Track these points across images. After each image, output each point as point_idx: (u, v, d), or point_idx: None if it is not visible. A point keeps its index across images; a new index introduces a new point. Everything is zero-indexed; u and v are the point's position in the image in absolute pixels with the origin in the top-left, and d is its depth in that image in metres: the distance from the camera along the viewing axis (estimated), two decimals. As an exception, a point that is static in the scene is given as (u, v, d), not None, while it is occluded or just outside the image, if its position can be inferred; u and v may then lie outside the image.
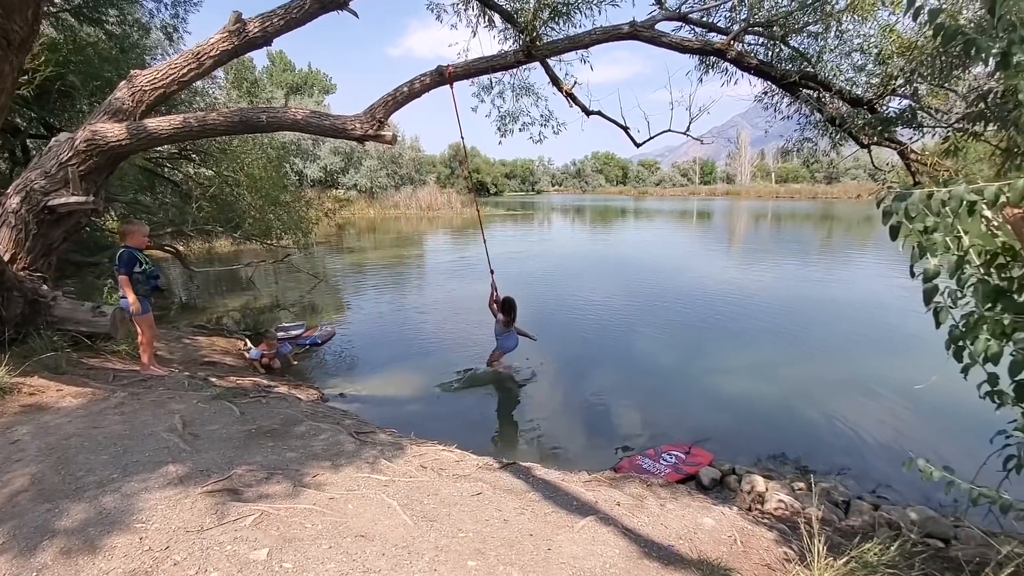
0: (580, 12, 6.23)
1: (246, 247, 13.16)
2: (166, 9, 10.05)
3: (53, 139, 5.68)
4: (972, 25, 2.03)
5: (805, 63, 6.29)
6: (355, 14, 5.88)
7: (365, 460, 3.21)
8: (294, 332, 8.12)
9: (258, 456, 3.06)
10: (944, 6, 2.04)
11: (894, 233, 1.98)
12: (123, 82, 5.60)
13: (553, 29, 6.45)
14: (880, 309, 10.08)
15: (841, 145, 6.83)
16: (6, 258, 5.03)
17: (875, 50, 5.73)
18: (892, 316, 9.45)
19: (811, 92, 6.45)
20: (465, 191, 49.60)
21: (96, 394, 3.93)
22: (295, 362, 7.12)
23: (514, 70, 7.51)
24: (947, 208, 1.85)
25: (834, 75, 6.13)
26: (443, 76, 5.86)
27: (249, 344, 7.21)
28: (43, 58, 7.30)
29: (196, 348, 6.71)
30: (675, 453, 4.66)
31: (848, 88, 6.16)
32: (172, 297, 11.10)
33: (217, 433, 3.36)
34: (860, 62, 6.12)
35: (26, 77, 6.80)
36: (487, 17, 7.29)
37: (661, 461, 4.52)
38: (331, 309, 10.58)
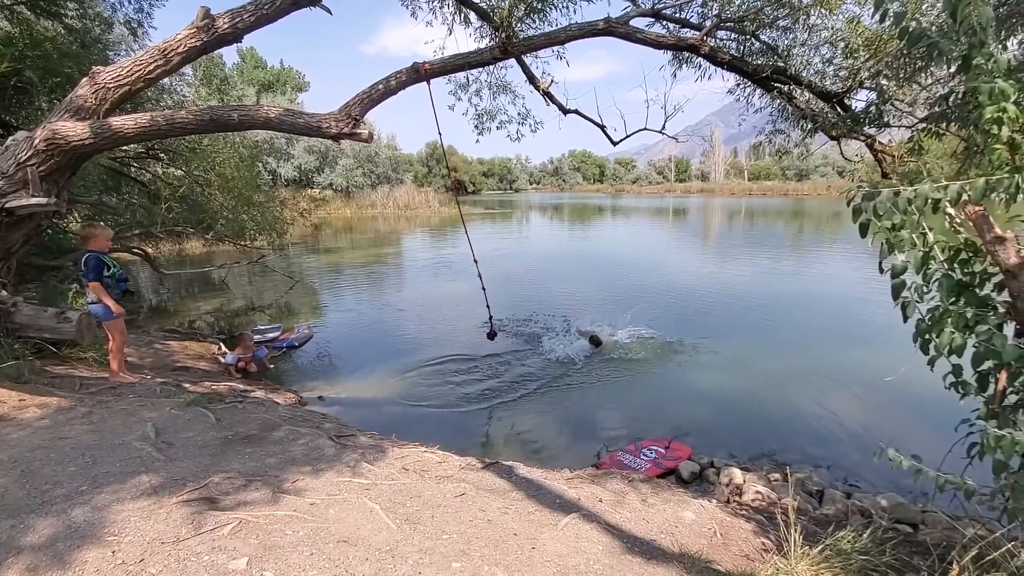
0: (555, 9, 6.26)
1: (219, 248, 12.86)
2: (129, 3, 9.71)
3: (10, 138, 5.45)
4: (935, 28, 2.10)
5: (776, 57, 6.42)
6: (328, 10, 5.78)
7: (346, 464, 3.17)
8: (270, 335, 7.96)
9: (236, 463, 3.00)
10: (907, 7, 2.10)
11: (864, 230, 2.04)
12: (85, 79, 5.40)
13: (529, 26, 6.46)
14: (850, 303, 10.37)
15: (811, 139, 6.99)
16: (-38, 263, 4.82)
17: (842, 43, 5.88)
18: (861, 310, 9.73)
19: (782, 86, 6.59)
20: (443, 189, 49.33)
21: (62, 403, 3.80)
22: (271, 366, 6.99)
23: (491, 68, 7.50)
24: (913, 206, 1.91)
25: (804, 68, 6.27)
26: (419, 73, 5.80)
27: (224, 348, 7.05)
28: (-5, 52, 7.00)
29: (168, 353, 6.54)
30: (655, 448, 4.72)
31: (818, 82, 6.32)
32: (141, 301, 10.79)
33: (192, 440, 3.28)
34: (828, 55, 6.28)
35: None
36: (462, 14, 7.25)
37: (641, 456, 4.58)
38: (308, 311, 10.42)
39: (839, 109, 5.93)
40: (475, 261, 6.28)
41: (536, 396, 6.07)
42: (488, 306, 6.22)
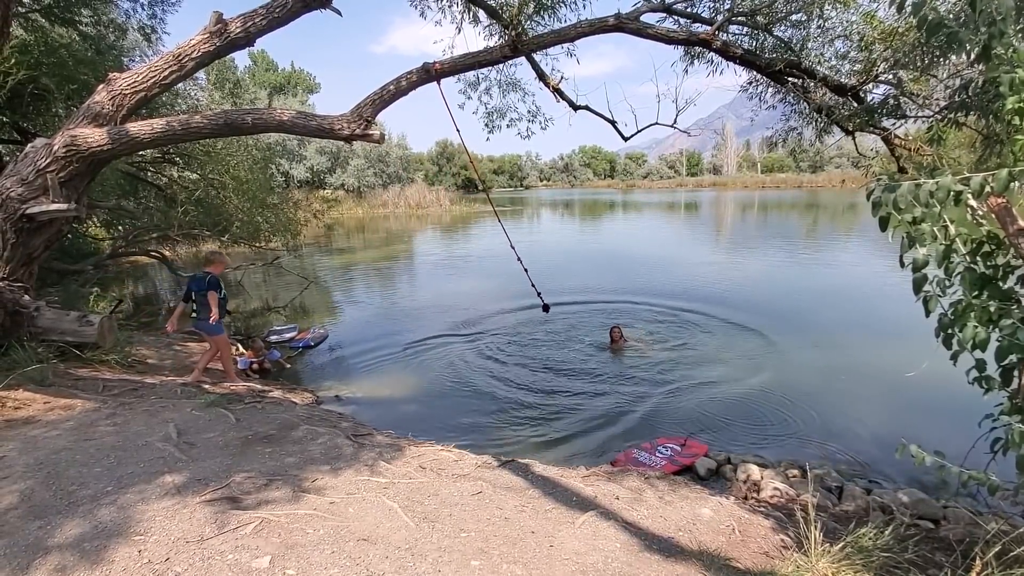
0: (565, 6, 6.24)
1: (234, 250, 13.02)
2: (143, 9, 9.84)
3: (29, 145, 5.56)
4: (953, 17, 2.06)
5: (789, 52, 6.34)
6: (338, 12, 5.82)
7: (364, 463, 3.20)
8: (287, 335, 8.05)
9: (256, 463, 3.05)
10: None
11: (883, 224, 2.01)
12: (101, 85, 5.49)
13: (539, 23, 6.44)
14: (868, 296, 10.22)
15: (826, 134, 6.89)
16: (-16, 268, 4.94)
17: (857, 37, 5.79)
18: (880, 304, 9.59)
19: (796, 81, 6.50)
20: (454, 187, 49.37)
21: (86, 405, 3.88)
22: (288, 365, 7.07)
23: (501, 66, 7.49)
24: (934, 199, 1.88)
25: (818, 63, 6.18)
26: (429, 73, 5.81)
27: (241, 349, 7.14)
28: (13, 61, 7.13)
29: (188, 355, 6.64)
30: (670, 445, 4.70)
31: (832, 76, 6.22)
32: (160, 303, 10.96)
33: (213, 441, 3.34)
34: (843, 49, 6.18)
35: (-4, 81, 6.66)
36: (472, 13, 7.26)
37: (657, 454, 4.56)
38: (322, 310, 10.51)
39: (854, 102, 5.84)
40: (512, 247, 6.44)
41: (550, 394, 6.07)
42: (533, 284, 6.53)
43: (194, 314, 5.74)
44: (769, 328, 8.34)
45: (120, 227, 10.40)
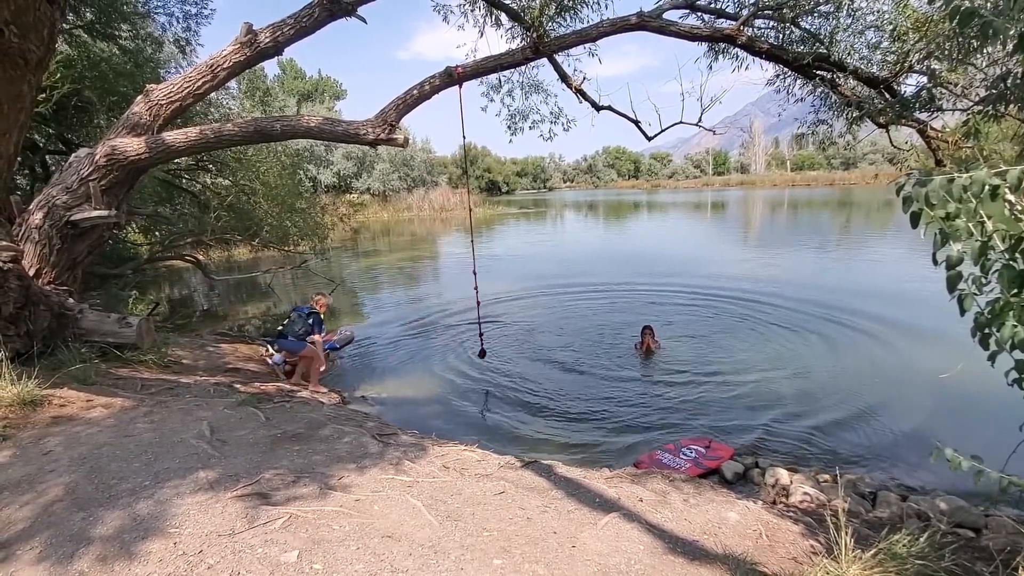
0: (587, 6, 6.21)
1: (264, 254, 13.37)
2: (178, 23, 10.22)
3: (73, 155, 5.83)
4: (989, 5, 1.99)
5: (818, 44, 6.19)
6: (363, 20, 5.93)
7: (389, 462, 3.25)
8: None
9: (284, 460, 3.12)
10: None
11: (915, 220, 1.95)
12: (140, 96, 5.72)
13: (560, 24, 6.44)
14: (900, 296, 9.89)
15: (858, 127, 6.69)
16: (31, 273, 5.18)
17: (889, 27, 5.61)
18: (914, 303, 9.26)
19: (825, 73, 6.34)
20: (478, 190, 49.66)
21: (125, 404, 4.04)
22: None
23: (523, 68, 7.52)
24: (969, 193, 1.81)
25: (848, 55, 6.02)
26: (452, 77, 5.88)
27: (271, 350, 7.33)
28: (59, 75, 7.48)
29: (220, 355, 6.84)
30: (695, 447, 4.63)
31: (863, 67, 6.04)
32: (194, 306, 11.32)
33: (244, 438, 3.43)
34: (874, 40, 6.00)
35: (44, 95, 6.98)
36: (494, 16, 7.30)
37: (681, 456, 4.51)
38: (349, 312, 10.69)
39: (887, 95, 5.67)
40: (474, 272, 6.57)
41: (573, 395, 6.06)
42: (481, 334, 6.82)
43: (280, 327, 6.48)
44: (799, 327, 8.16)
45: (157, 232, 10.79)
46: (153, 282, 13.28)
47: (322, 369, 6.41)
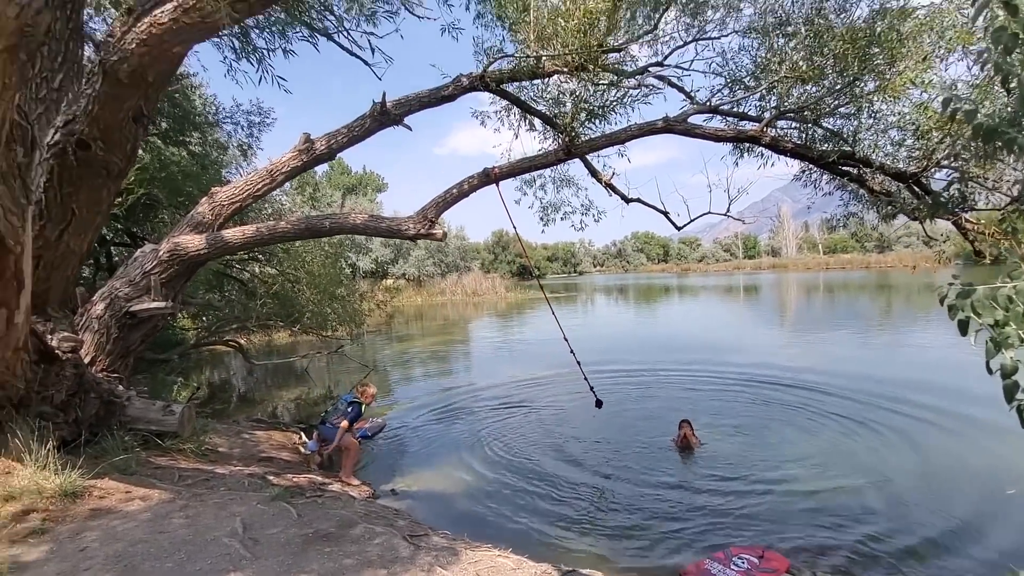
0: (615, 112, 6.65)
1: (302, 338, 13.75)
2: (242, 130, 11.36)
3: (139, 251, 6.32)
4: (1009, 111, 2.06)
5: (842, 142, 6.39)
6: (409, 128, 6.49)
7: (420, 568, 3.12)
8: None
9: (315, 563, 3.04)
10: (975, 98, 2.09)
11: (963, 328, 1.91)
12: (205, 198, 6.27)
13: (591, 128, 6.87)
14: (958, 387, 9.30)
15: (891, 218, 6.71)
16: (87, 360, 5.45)
17: (912, 127, 5.78)
18: (972, 398, 8.68)
19: (852, 169, 6.48)
20: (509, 275, 50.66)
21: (162, 496, 4.06)
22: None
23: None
24: (1017, 301, 1.79)
25: (873, 151, 6.17)
26: (489, 177, 6.27)
27: (304, 438, 7.33)
28: (133, 178, 8.28)
29: (255, 443, 6.87)
30: (747, 557, 4.28)
31: (890, 163, 6.16)
32: (232, 391, 11.54)
33: (276, 537, 3.37)
34: (898, 138, 6.17)
35: (120, 198, 7.70)
36: (528, 121, 7.86)
37: (732, 566, 4.16)
38: (381, 397, 10.68)
39: (917, 188, 5.73)
40: (565, 338, 6.54)
41: (612, 493, 5.77)
42: (586, 378, 6.58)
43: (323, 414, 6.54)
44: (856, 418, 7.70)
45: (204, 318, 11.31)
46: (196, 365, 13.69)
47: (356, 462, 6.31)
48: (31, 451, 4.02)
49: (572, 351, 6.48)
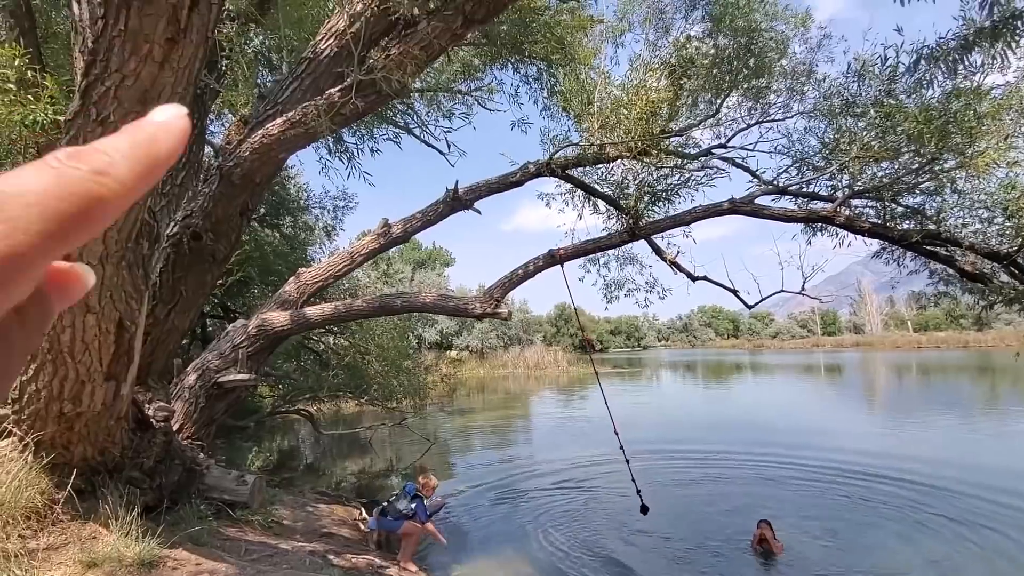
0: (679, 195, 6.74)
1: (368, 408, 14.06)
2: (328, 213, 12.43)
3: (231, 326, 6.87)
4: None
5: (925, 220, 6.09)
6: (479, 212, 6.86)
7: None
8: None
9: (373, 657, 2.96)
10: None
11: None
12: (292, 278, 6.81)
13: (655, 211, 6.97)
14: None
15: (990, 308, 6.19)
16: (175, 428, 5.83)
17: (1001, 206, 5.43)
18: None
19: (939, 249, 6.11)
20: (571, 348, 50.17)
21: (228, 570, 4.15)
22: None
23: (618, 245, 8.03)
24: None
25: (961, 230, 5.82)
26: (554, 258, 6.44)
27: (364, 514, 7.32)
28: (233, 261, 9.17)
29: (317, 517, 6.93)
30: None
31: (980, 243, 5.76)
32: (300, 459, 11.84)
33: (335, 624, 3.33)
34: (987, 215, 5.80)
35: (221, 281, 8.50)
36: (592, 203, 8.11)
37: None
38: (441, 474, 10.55)
39: (1014, 269, 5.29)
40: (616, 432, 6.15)
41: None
42: (634, 479, 5.90)
43: (385, 502, 6.32)
44: (961, 521, 6.74)
45: (280, 387, 11.90)
46: (269, 432, 14.24)
47: (415, 550, 6.17)
48: (118, 517, 4.27)
49: (622, 447, 6.07)
